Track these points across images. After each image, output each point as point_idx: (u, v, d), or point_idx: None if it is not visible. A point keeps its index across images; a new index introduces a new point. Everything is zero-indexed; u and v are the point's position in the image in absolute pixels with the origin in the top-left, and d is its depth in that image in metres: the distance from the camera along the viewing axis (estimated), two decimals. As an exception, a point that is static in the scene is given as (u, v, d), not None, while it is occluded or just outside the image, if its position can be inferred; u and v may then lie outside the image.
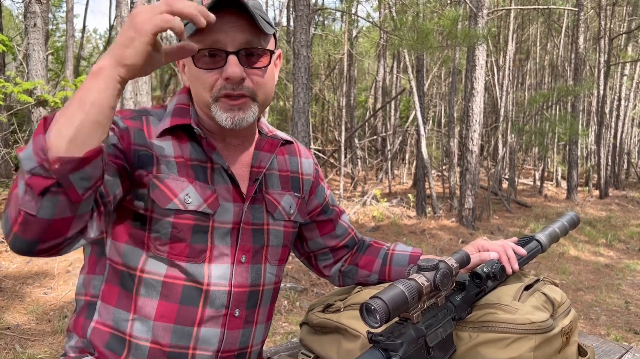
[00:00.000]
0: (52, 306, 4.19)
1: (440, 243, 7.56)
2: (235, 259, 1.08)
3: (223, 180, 1.08)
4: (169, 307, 1.03)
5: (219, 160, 1.07)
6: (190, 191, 1.03)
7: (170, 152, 1.05)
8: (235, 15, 1.00)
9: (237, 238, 1.09)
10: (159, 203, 1.01)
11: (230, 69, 1.00)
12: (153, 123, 1.07)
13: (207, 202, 1.04)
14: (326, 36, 16.91)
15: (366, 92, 20.35)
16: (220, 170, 1.08)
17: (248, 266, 1.10)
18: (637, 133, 21.45)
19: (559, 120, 12.95)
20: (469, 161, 8.85)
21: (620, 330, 4.51)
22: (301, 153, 1.28)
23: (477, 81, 8.69)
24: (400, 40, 7.26)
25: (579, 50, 12.83)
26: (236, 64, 1.00)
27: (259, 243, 1.12)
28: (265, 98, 1.07)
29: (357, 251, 1.35)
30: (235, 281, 1.08)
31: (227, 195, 1.08)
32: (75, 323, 1.10)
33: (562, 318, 1.09)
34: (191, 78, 1.06)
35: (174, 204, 1.02)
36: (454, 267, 0.97)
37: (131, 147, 1.01)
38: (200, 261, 1.04)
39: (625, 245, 8.49)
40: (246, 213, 1.10)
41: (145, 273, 1.04)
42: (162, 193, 1.01)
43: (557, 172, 16.90)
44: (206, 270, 1.05)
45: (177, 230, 1.02)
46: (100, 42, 24.77)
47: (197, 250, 1.04)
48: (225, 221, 1.07)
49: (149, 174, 1.02)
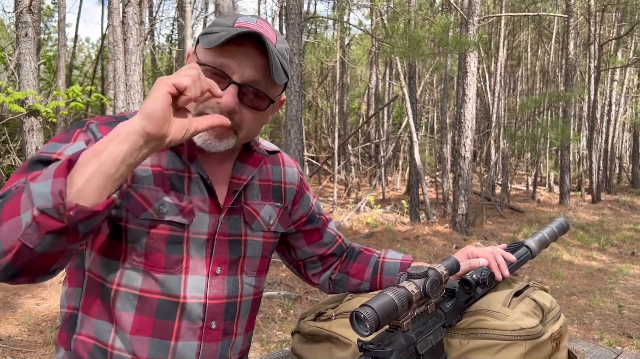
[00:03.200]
0: (44, 317, 4.16)
1: (434, 249, 7.57)
2: (210, 271, 1.07)
3: (200, 190, 1.06)
4: (145, 321, 1.02)
5: (199, 170, 1.06)
6: (166, 201, 1.02)
7: (147, 160, 1.03)
8: (256, 49, 0.98)
9: (211, 250, 1.07)
10: (133, 213, 1.00)
11: (225, 98, 0.98)
12: None
13: (182, 212, 1.03)
14: (318, 44, 16.98)
15: (359, 99, 20.42)
16: (197, 180, 1.07)
17: (224, 277, 1.09)
18: (628, 138, 21.62)
19: (550, 125, 13.04)
20: (462, 167, 8.88)
21: (613, 334, 4.52)
22: (285, 162, 1.26)
23: (468, 87, 8.75)
24: (392, 48, 7.31)
25: (570, 56, 12.94)
26: (233, 96, 0.98)
27: (236, 255, 1.11)
28: (247, 136, 1.06)
29: (347, 258, 1.34)
30: (210, 293, 1.06)
31: (203, 206, 1.06)
32: (60, 336, 1.09)
33: (551, 323, 1.10)
34: None
35: (149, 214, 1.01)
36: (444, 274, 0.97)
37: None
38: (177, 273, 1.03)
39: (617, 249, 8.53)
40: (222, 224, 1.08)
41: (122, 287, 1.02)
42: (137, 202, 1.00)
43: (549, 177, 17.00)
44: (183, 282, 1.04)
45: (152, 240, 1.01)
46: (93, 51, 24.75)
47: (172, 260, 1.03)
48: (200, 232, 1.06)
49: (124, 183, 0.99)
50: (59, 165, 0.77)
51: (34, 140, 5.43)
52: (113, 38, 5.43)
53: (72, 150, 0.95)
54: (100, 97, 6.06)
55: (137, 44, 5.42)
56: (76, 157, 0.79)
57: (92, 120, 1.03)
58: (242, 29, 0.97)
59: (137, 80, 5.47)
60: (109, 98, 5.62)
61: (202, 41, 1.00)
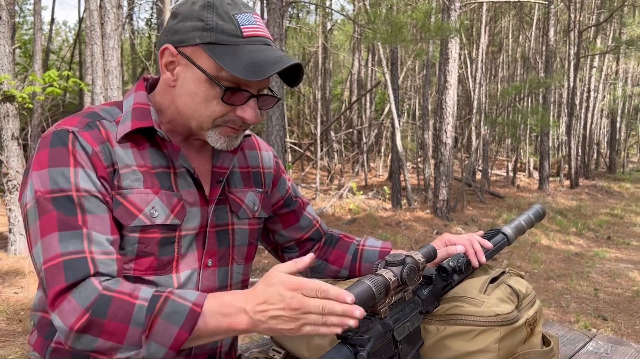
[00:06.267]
0: (23, 306, 4.11)
1: (415, 235, 7.64)
2: (201, 264, 1.07)
3: (187, 184, 1.05)
4: None
5: (185, 164, 1.04)
6: (157, 203, 1.00)
7: (132, 160, 1.00)
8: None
9: (203, 242, 1.07)
10: (122, 221, 0.97)
11: (249, 114, 1.00)
12: (109, 127, 1.01)
13: (174, 212, 1.01)
14: (300, 29, 16.85)
15: (341, 85, 20.37)
16: (184, 174, 1.05)
17: (215, 269, 1.09)
18: (605, 124, 21.95)
19: (530, 111, 13.17)
20: (443, 153, 8.94)
21: (589, 317, 4.63)
22: (260, 146, 1.26)
23: (450, 74, 8.77)
24: (374, 33, 7.29)
25: (550, 43, 13.04)
26: (255, 108, 1.00)
27: (225, 245, 1.11)
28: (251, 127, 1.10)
29: (326, 245, 1.34)
30: (202, 285, 1.07)
31: (192, 200, 1.05)
32: (36, 342, 1.07)
33: (526, 309, 1.12)
34: (191, 94, 0.99)
35: (140, 220, 0.98)
36: (421, 262, 0.98)
37: (106, 173, 0.97)
38: (168, 272, 1.02)
39: (594, 234, 8.71)
40: (211, 216, 1.08)
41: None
42: (126, 210, 0.97)
43: (529, 162, 17.21)
44: (175, 279, 1.03)
45: (144, 245, 0.99)
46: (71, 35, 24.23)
47: (164, 262, 1.02)
48: (191, 227, 1.05)
49: (112, 189, 0.97)
50: (178, 339, 0.84)
51: (9, 126, 5.32)
52: (90, 22, 5.32)
53: (84, 181, 0.93)
54: (77, 82, 5.94)
55: (115, 28, 5.32)
56: (190, 330, 0.84)
57: (71, 128, 0.96)
58: (254, 39, 0.97)
59: (115, 65, 5.38)
60: (87, 84, 5.52)
61: (216, 56, 0.94)
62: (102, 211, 0.94)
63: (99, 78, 5.34)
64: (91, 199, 0.93)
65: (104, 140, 0.98)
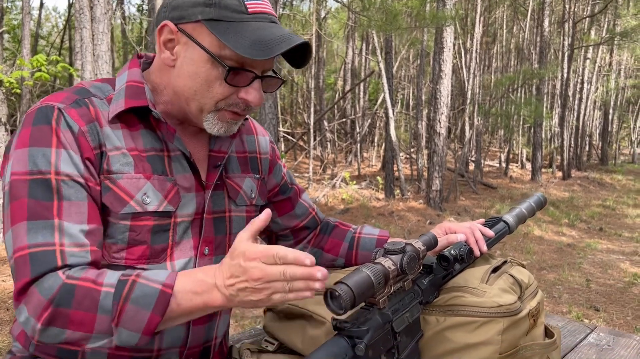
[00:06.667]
0: (10, 294, 4.05)
1: (408, 225, 7.63)
2: (198, 252, 1.01)
3: (182, 168, 0.99)
4: None
5: (180, 147, 0.98)
6: (149, 189, 0.94)
7: (122, 142, 0.94)
8: None
9: (199, 229, 1.01)
10: (112, 208, 0.91)
11: (253, 96, 0.94)
12: (99, 105, 0.94)
13: (167, 199, 0.95)
14: (294, 16, 16.69)
15: (335, 74, 20.26)
16: (179, 158, 0.99)
17: (212, 257, 1.04)
18: (598, 116, 22.02)
19: (524, 103, 13.16)
20: (437, 143, 8.91)
21: (581, 307, 4.64)
22: (257, 131, 1.21)
23: (444, 63, 8.72)
24: (368, 21, 7.21)
25: (544, 34, 13.01)
26: (259, 90, 0.95)
27: (221, 232, 1.05)
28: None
29: (322, 233, 1.30)
30: None
31: (188, 185, 0.99)
32: (20, 334, 1.01)
33: (529, 300, 1.08)
34: (192, 74, 0.93)
35: (131, 207, 0.92)
36: (421, 250, 0.94)
37: (93, 155, 0.90)
38: (162, 261, 0.97)
39: (586, 225, 8.73)
40: (208, 202, 1.02)
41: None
42: (116, 196, 0.91)
43: (522, 153, 17.23)
44: (169, 268, 0.97)
45: (135, 233, 0.93)
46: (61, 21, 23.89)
47: (157, 250, 0.96)
48: (186, 213, 0.99)
49: (101, 174, 0.91)
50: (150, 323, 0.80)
51: (-3, 111, 5.23)
52: (79, 5, 5.21)
53: (65, 164, 0.87)
54: (67, 67, 5.82)
55: (105, 11, 5.21)
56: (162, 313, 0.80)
57: (57, 104, 0.91)
58: (260, 16, 0.91)
59: (105, 50, 5.27)
60: (76, 69, 5.42)
61: (219, 33, 0.88)
62: (82, 198, 0.88)
63: (89, 63, 5.24)
64: (71, 184, 0.87)
65: (92, 119, 0.92)
